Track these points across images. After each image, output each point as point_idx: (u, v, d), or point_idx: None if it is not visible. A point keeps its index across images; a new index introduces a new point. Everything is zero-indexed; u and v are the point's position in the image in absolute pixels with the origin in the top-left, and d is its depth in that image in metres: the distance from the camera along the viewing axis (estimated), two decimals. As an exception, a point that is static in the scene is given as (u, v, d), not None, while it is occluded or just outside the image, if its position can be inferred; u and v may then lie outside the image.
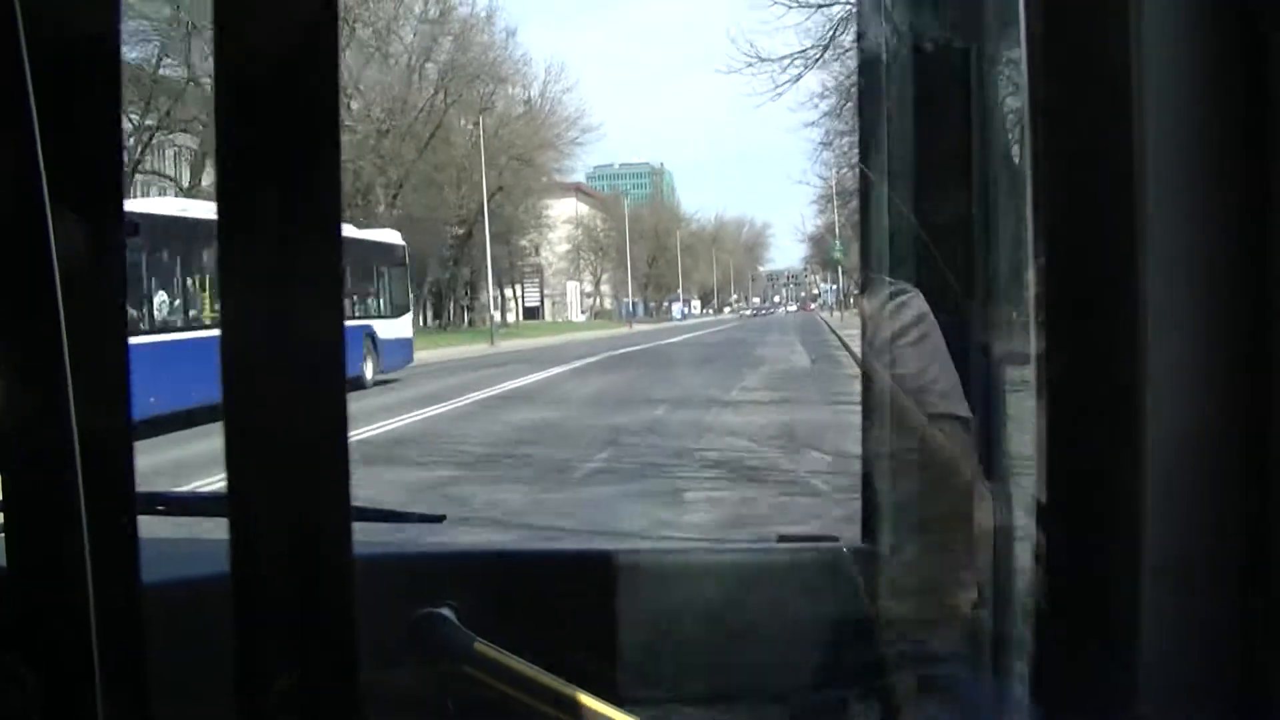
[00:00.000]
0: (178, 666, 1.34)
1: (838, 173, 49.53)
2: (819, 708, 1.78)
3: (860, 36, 1.98)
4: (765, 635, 1.83)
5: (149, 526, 1.31)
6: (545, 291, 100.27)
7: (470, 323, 52.57)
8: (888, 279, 1.81)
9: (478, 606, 1.69)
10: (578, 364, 29.86)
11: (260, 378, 1.15)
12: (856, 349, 2.17)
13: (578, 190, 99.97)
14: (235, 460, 1.15)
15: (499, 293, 72.60)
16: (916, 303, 1.73)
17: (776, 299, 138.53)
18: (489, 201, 51.70)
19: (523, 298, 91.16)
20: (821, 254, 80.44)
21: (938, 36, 1.77)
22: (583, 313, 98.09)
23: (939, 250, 1.68)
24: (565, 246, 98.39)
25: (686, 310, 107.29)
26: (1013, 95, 1.59)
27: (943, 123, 1.74)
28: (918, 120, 1.78)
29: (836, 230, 55.78)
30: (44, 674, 1.17)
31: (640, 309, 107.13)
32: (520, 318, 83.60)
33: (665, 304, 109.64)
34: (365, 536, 1.14)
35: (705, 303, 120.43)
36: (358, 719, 1.23)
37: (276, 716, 1.19)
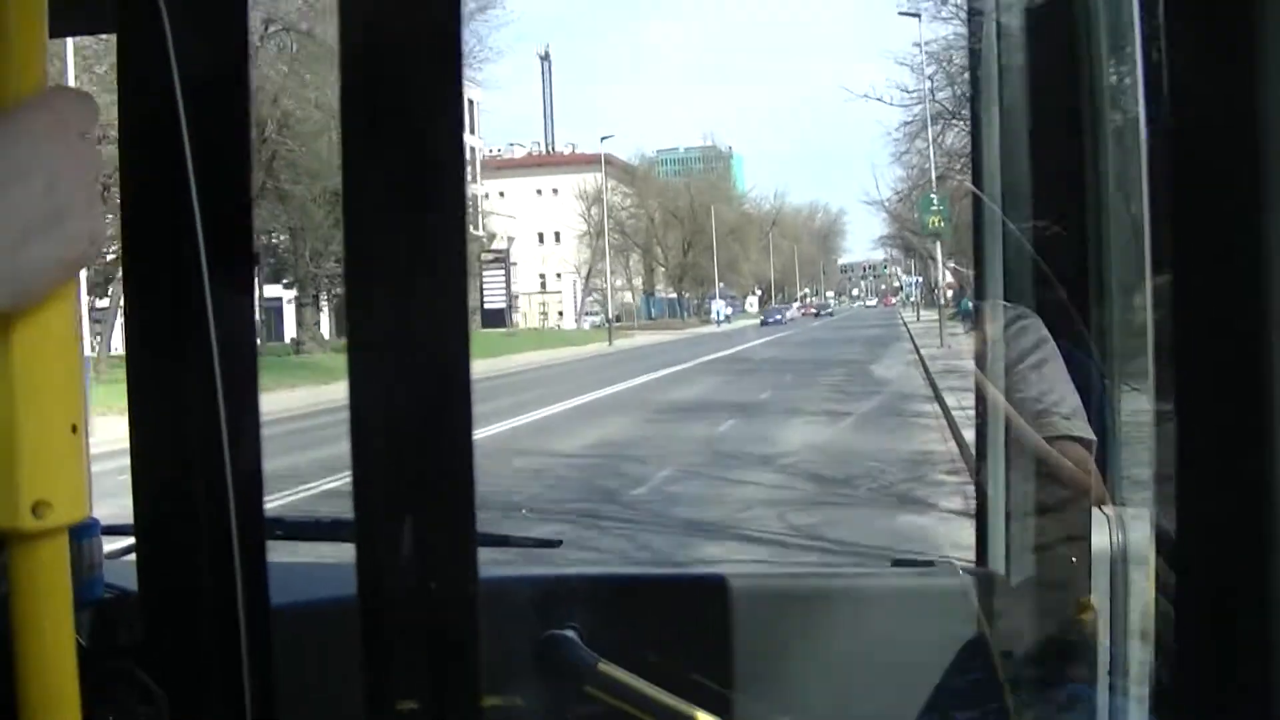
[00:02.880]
0: (303, 688, 1.43)
1: (932, 83, 34.34)
2: None
3: (972, 53, 2.05)
4: (882, 659, 1.93)
5: (276, 551, 1.42)
6: (516, 289, 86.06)
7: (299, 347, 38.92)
8: (1004, 303, 1.88)
9: (600, 630, 1.78)
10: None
11: (386, 404, 1.23)
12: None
13: (607, 163, 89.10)
14: (361, 487, 1.23)
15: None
16: (1037, 326, 1.83)
17: (855, 292, 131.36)
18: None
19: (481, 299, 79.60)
20: (904, 234, 59.96)
21: (1050, 53, 1.83)
22: (586, 314, 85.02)
23: (1054, 272, 1.75)
24: (581, 229, 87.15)
25: (729, 310, 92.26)
26: (1125, 112, 1.65)
27: (1056, 142, 1.81)
28: (1030, 138, 1.84)
29: (933, 175, 36.67)
30: (173, 692, 1.26)
31: (678, 307, 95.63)
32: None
33: (706, 302, 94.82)
34: (481, 560, 1.23)
35: (765, 300, 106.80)
36: None
37: None
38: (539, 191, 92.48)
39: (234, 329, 1.25)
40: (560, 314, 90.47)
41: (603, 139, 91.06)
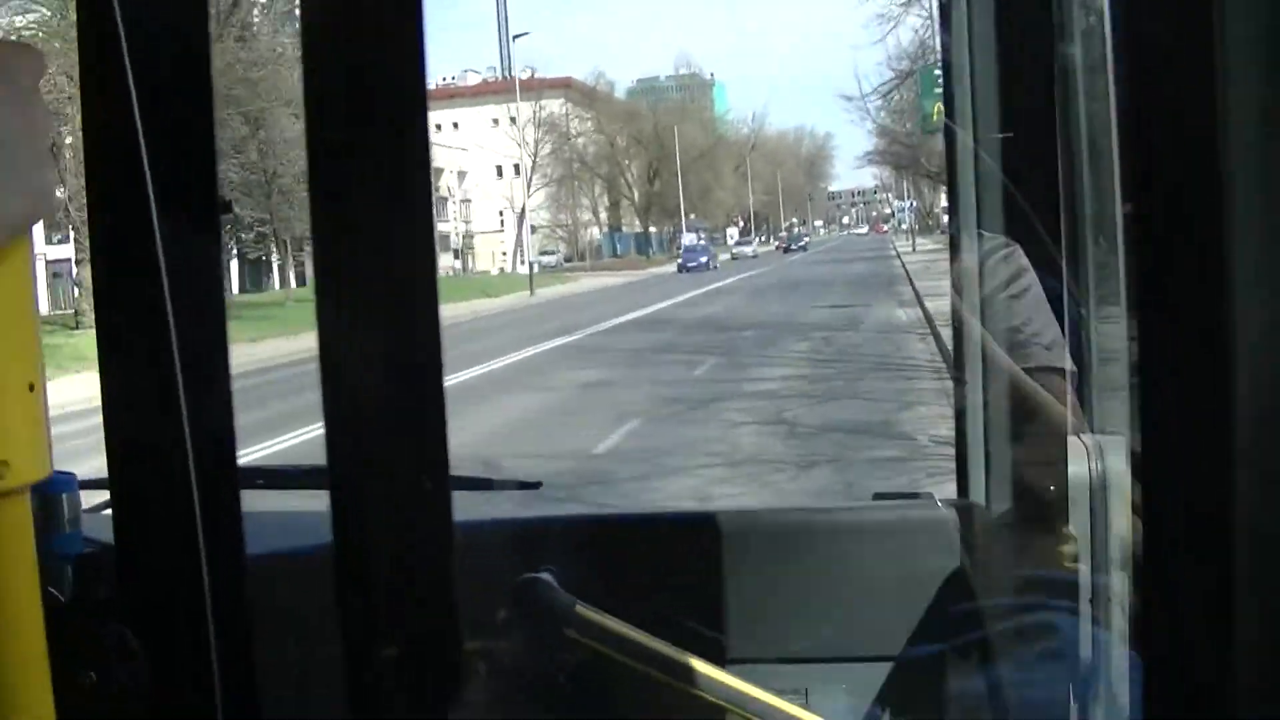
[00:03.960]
0: (282, 637, 1.46)
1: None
2: (919, 661, 1.92)
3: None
4: (864, 593, 2.00)
5: (250, 500, 1.45)
6: (472, 229, 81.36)
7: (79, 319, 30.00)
8: (982, 232, 1.92)
9: (577, 572, 1.83)
10: None
11: (357, 350, 1.26)
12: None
13: (567, 87, 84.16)
14: (334, 434, 1.27)
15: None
16: (1018, 255, 1.87)
17: (845, 220, 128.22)
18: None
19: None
20: (894, 148, 49.70)
21: None
22: (543, 254, 75.20)
23: (1027, 198, 1.79)
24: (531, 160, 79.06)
25: (704, 242, 78.35)
26: (1095, 35, 1.69)
27: (1028, 71, 1.85)
28: (1002, 68, 1.87)
29: (936, 44, 22.21)
30: (152, 646, 1.30)
31: (644, 243, 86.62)
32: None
33: (677, 235, 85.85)
34: (460, 504, 1.26)
35: (745, 232, 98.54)
36: (461, 686, 1.36)
37: (380, 685, 1.31)
38: (495, 121, 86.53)
39: (200, 282, 1.28)
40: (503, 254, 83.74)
41: (515, 37, 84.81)
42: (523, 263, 70.71)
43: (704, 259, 64.05)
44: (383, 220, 1.20)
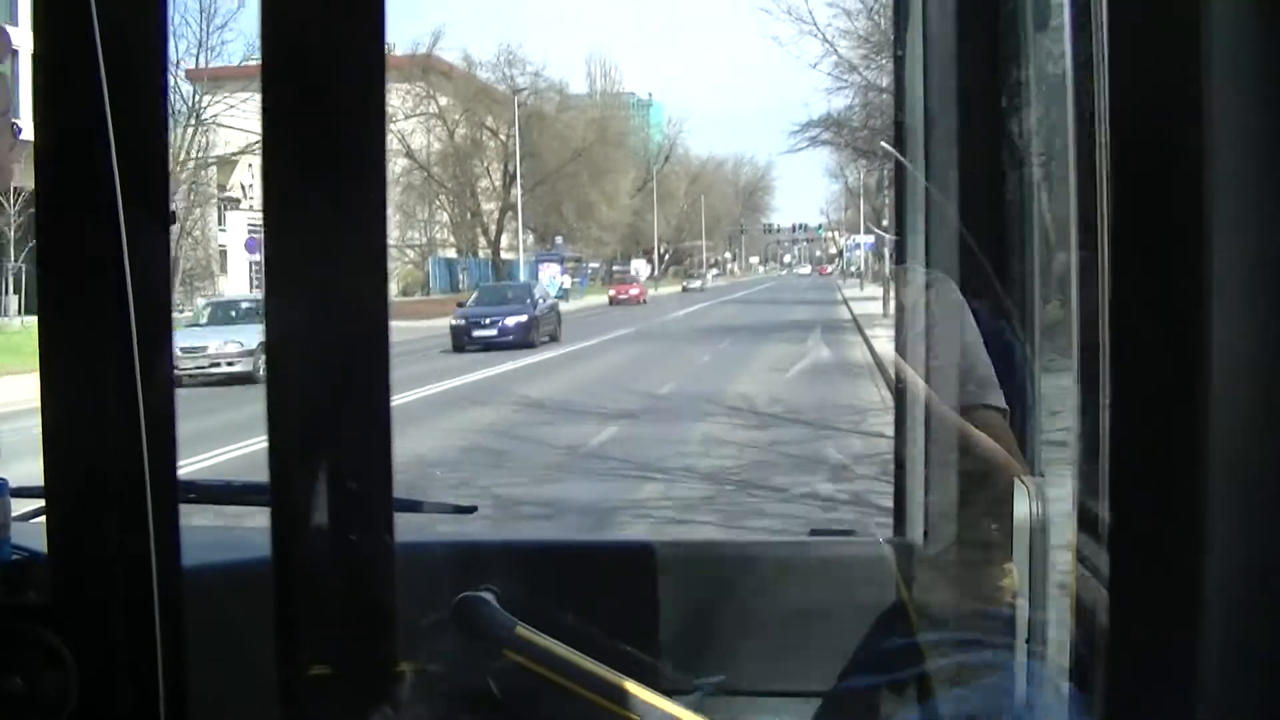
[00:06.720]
0: (217, 652, 1.47)
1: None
2: (854, 696, 1.95)
3: (898, 25, 2.14)
4: (800, 627, 2.05)
5: (189, 514, 1.46)
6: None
7: None
8: (921, 267, 1.97)
9: (516, 594, 1.85)
10: None
11: (304, 370, 1.28)
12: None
13: (426, 69, 60.30)
14: (277, 451, 1.29)
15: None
16: (951, 289, 1.89)
17: (788, 259, 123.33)
18: None
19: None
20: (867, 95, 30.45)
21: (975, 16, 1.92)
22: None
23: (976, 240, 1.83)
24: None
25: (569, 280, 60.86)
26: (1053, 79, 1.74)
27: (980, 109, 1.88)
28: (957, 105, 1.92)
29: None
30: (82, 655, 1.31)
31: (490, 272, 61.50)
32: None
33: (537, 265, 62.87)
34: (400, 523, 1.29)
35: (654, 269, 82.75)
36: (393, 705, 1.38)
37: (315, 702, 1.32)
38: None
39: (148, 294, 1.30)
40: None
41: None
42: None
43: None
44: (334, 239, 1.22)
